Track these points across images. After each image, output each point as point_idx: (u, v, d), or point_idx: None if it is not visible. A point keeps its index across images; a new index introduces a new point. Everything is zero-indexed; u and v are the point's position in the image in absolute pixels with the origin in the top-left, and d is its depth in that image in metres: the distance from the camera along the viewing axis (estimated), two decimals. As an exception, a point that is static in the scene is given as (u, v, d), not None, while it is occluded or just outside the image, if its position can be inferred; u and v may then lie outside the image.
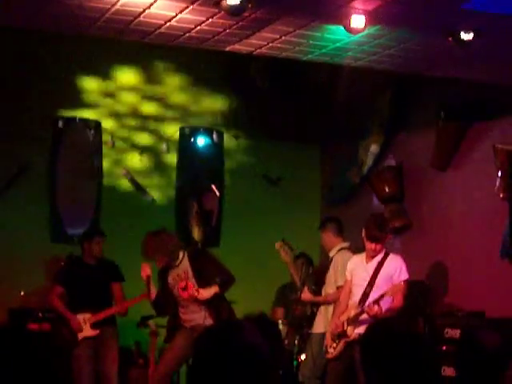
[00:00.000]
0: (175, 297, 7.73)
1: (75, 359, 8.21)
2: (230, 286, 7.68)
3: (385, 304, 7.25)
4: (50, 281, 8.85)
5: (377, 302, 7.20)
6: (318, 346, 8.04)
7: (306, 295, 8.31)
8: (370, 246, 7.47)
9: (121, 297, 8.53)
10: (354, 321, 7.34)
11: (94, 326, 8.29)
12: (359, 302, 7.41)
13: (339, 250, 8.33)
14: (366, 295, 7.40)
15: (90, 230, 8.96)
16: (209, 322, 7.50)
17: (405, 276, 7.41)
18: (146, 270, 7.78)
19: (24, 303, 8.91)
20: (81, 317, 8.25)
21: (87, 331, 8.28)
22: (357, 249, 8.27)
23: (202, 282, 7.60)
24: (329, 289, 8.28)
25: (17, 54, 9.32)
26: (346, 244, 8.39)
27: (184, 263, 7.70)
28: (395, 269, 7.44)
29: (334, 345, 7.47)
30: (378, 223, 7.53)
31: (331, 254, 8.41)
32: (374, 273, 7.45)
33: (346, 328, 7.38)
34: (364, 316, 7.28)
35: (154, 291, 7.82)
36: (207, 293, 7.52)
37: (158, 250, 7.64)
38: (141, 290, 8.64)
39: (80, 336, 8.26)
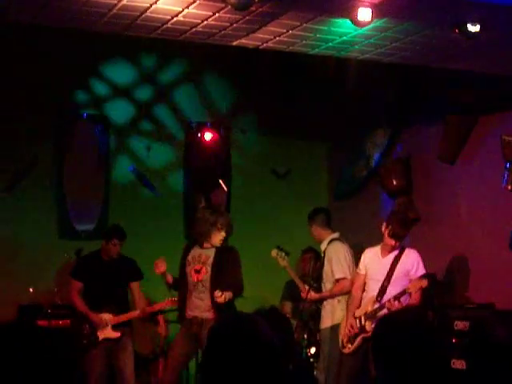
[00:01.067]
0: (186, 275, 7.73)
1: (89, 358, 8.14)
2: (238, 296, 7.68)
3: (404, 300, 7.27)
4: (59, 278, 8.85)
5: (398, 298, 7.20)
6: (328, 340, 8.03)
7: (312, 295, 8.28)
8: (390, 242, 7.47)
9: (139, 296, 8.45)
10: (373, 316, 7.34)
11: (115, 327, 8.25)
12: (377, 297, 7.41)
13: (330, 242, 8.29)
14: (383, 290, 7.41)
15: (112, 230, 8.51)
16: (208, 315, 7.50)
17: (422, 271, 7.42)
18: (161, 267, 7.75)
19: (33, 299, 8.92)
20: (103, 317, 8.21)
21: (109, 333, 8.21)
22: (365, 243, 8.29)
23: (216, 276, 7.59)
24: (328, 284, 8.25)
25: (23, 50, 9.33)
26: (335, 235, 8.33)
27: (211, 249, 7.73)
28: (412, 264, 7.46)
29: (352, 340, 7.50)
30: (402, 221, 7.56)
31: (322, 247, 8.37)
32: (390, 267, 7.46)
33: (364, 323, 7.39)
34: (384, 311, 7.26)
35: (170, 277, 7.82)
36: (227, 296, 7.46)
37: (196, 224, 7.81)
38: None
39: (101, 336, 8.20)
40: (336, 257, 8.04)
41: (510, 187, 8.14)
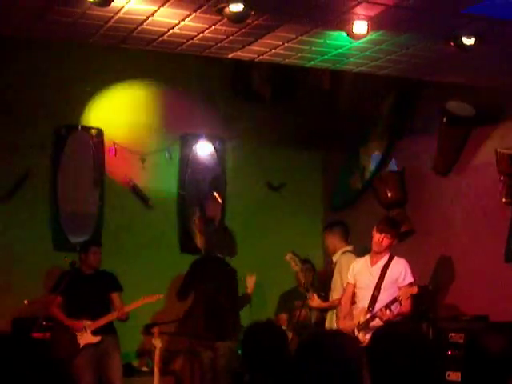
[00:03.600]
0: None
1: (76, 368, 8.24)
2: None
3: (395, 308, 7.27)
4: (48, 290, 8.88)
5: (388, 306, 7.21)
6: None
7: (316, 302, 8.29)
8: (377, 237, 7.48)
9: (120, 305, 8.58)
10: (365, 326, 7.33)
11: (95, 333, 8.35)
12: (368, 307, 7.41)
13: (343, 253, 8.35)
14: (374, 299, 7.41)
15: (86, 241, 9.09)
16: None
17: (409, 279, 7.44)
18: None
19: (27, 312, 8.90)
20: (81, 323, 8.32)
21: (89, 338, 8.33)
22: (360, 254, 8.30)
23: None
24: (335, 294, 8.28)
25: (18, 63, 9.34)
26: (350, 247, 8.41)
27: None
28: (400, 272, 7.46)
29: None
30: (389, 220, 7.70)
31: (335, 258, 8.42)
32: (380, 276, 7.47)
33: (357, 334, 7.38)
34: (376, 321, 7.27)
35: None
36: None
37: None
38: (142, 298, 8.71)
39: (81, 343, 8.31)
40: (347, 268, 8.05)
41: (504, 200, 8.15)
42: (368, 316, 7.38)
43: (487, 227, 8.55)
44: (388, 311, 7.19)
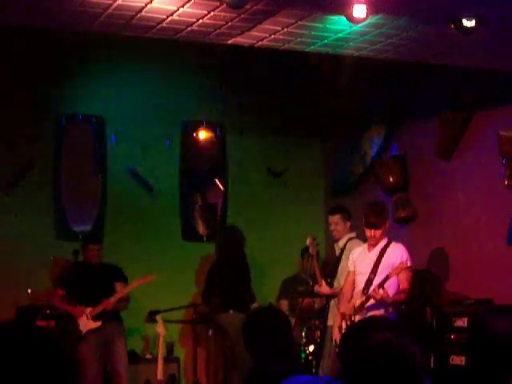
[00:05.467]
0: None
1: (82, 355, 8.29)
2: None
3: (390, 288, 7.25)
4: (53, 281, 8.91)
5: (381, 285, 7.19)
6: (331, 340, 8.03)
7: (324, 289, 8.28)
8: (369, 233, 7.52)
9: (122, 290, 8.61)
10: (361, 309, 7.33)
11: (95, 318, 8.39)
12: (363, 290, 7.42)
13: (349, 240, 8.34)
14: (369, 282, 7.41)
15: (85, 236, 9.11)
16: None
17: (407, 263, 7.42)
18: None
19: (32, 301, 8.93)
20: (81, 309, 8.37)
21: (90, 324, 8.38)
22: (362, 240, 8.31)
23: None
24: (342, 279, 8.27)
25: (17, 51, 9.31)
26: (354, 234, 8.41)
27: None
28: (396, 257, 7.45)
29: None
30: (374, 210, 7.60)
31: (341, 244, 8.40)
32: (376, 260, 7.47)
33: (354, 319, 7.38)
34: (370, 302, 7.28)
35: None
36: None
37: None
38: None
39: (84, 330, 8.35)
40: None
41: (506, 182, 8.15)
42: (363, 298, 7.39)
43: (490, 210, 8.54)
44: (381, 290, 7.16)
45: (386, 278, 7.20)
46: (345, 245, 8.35)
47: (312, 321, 8.58)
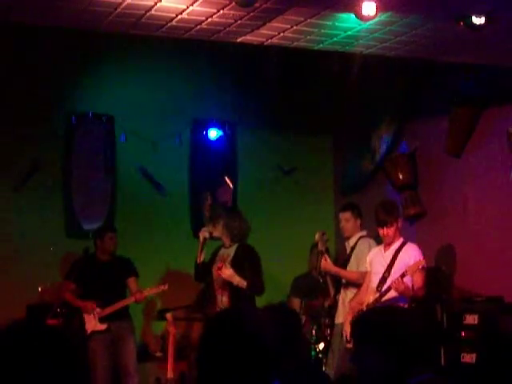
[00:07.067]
0: (211, 274, 8.01)
1: (91, 353, 8.33)
2: (256, 294, 7.89)
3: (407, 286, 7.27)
4: (63, 277, 8.93)
5: (401, 278, 7.19)
6: (339, 337, 8.03)
7: (329, 264, 8.22)
8: (381, 231, 7.55)
9: (137, 289, 8.62)
10: (373, 306, 7.32)
11: (107, 320, 8.39)
12: (377, 287, 7.43)
13: (360, 238, 8.32)
14: (383, 280, 7.42)
15: (102, 227, 9.12)
16: None
17: (422, 262, 7.41)
18: (205, 233, 8.06)
19: (42, 299, 8.96)
20: (92, 305, 8.38)
21: (95, 325, 8.39)
22: (372, 237, 8.31)
23: (236, 273, 7.83)
24: None
25: (28, 51, 9.34)
26: (364, 232, 8.39)
27: (232, 248, 7.97)
28: (410, 257, 7.45)
29: None
30: (385, 207, 7.61)
31: (351, 242, 8.38)
32: (391, 260, 7.49)
33: None
34: (386, 298, 7.29)
35: (202, 256, 8.08)
36: (229, 273, 7.75)
37: (228, 227, 8.00)
38: (156, 285, 8.75)
39: (89, 330, 8.37)
40: (366, 253, 8.02)
41: (516, 179, 8.13)
42: (377, 295, 7.40)
43: (499, 208, 8.53)
44: (401, 281, 7.16)
45: (403, 276, 7.21)
46: (355, 243, 8.34)
47: (322, 319, 8.58)
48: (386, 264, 7.50)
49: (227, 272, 7.76)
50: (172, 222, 10.18)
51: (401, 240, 7.61)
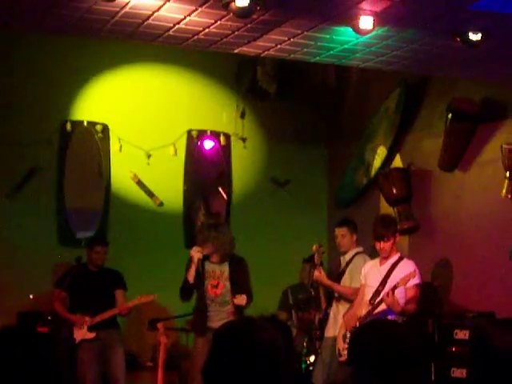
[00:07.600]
0: (205, 289, 7.94)
1: (79, 362, 8.31)
2: (248, 304, 7.87)
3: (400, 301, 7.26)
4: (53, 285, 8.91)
5: (392, 291, 7.18)
6: (329, 350, 8.01)
7: (322, 276, 8.18)
8: (377, 245, 7.55)
9: (122, 301, 8.59)
10: (366, 319, 7.32)
11: (94, 329, 8.38)
12: (370, 300, 7.42)
13: (356, 254, 8.29)
14: (377, 293, 7.42)
15: (92, 238, 9.08)
16: None
17: (416, 280, 7.40)
18: (199, 254, 7.90)
19: (33, 307, 8.93)
20: (82, 318, 8.35)
21: (84, 334, 8.37)
22: (367, 253, 8.31)
23: (234, 288, 7.82)
24: None
25: (23, 58, 9.35)
26: (361, 248, 8.36)
27: (225, 264, 7.94)
28: (405, 273, 7.43)
29: (346, 346, 7.43)
30: (383, 221, 7.61)
31: (347, 257, 8.34)
32: (386, 274, 7.48)
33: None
34: (376, 311, 7.28)
35: (192, 275, 7.93)
36: (244, 300, 7.73)
37: (215, 240, 7.89)
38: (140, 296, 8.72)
39: (77, 339, 8.34)
40: (360, 269, 8.00)
41: (510, 196, 8.14)
42: (369, 308, 7.40)
43: (492, 224, 8.53)
44: (391, 293, 7.16)
45: (395, 287, 7.21)
46: (351, 259, 8.31)
47: (313, 331, 8.57)
48: (381, 278, 7.49)
49: (243, 301, 7.73)
50: (165, 232, 10.17)
51: (398, 255, 7.62)
